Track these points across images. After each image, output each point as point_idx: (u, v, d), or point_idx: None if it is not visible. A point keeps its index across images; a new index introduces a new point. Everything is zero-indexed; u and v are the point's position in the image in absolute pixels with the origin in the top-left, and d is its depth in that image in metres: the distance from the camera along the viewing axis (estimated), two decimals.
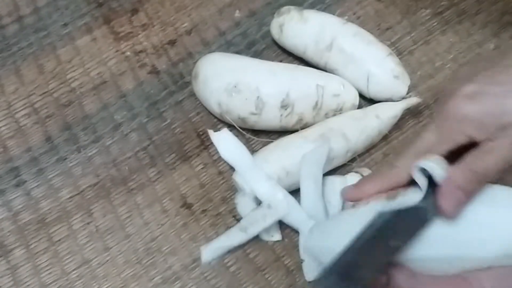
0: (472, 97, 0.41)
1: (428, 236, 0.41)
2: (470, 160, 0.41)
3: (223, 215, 0.56)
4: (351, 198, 0.46)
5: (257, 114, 0.56)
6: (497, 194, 0.41)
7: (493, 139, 0.40)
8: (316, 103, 0.56)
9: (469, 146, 0.42)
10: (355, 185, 0.47)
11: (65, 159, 0.59)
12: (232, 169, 0.56)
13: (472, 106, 0.41)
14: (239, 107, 0.56)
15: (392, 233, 0.41)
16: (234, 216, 0.56)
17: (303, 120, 0.56)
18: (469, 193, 0.41)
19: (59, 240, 0.55)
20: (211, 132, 0.56)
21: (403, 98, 0.58)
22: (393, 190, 0.44)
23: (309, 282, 0.53)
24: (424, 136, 0.43)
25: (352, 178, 0.56)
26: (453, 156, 0.42)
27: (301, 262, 0.53)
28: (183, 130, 0.60)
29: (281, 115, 0.56)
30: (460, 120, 0.41)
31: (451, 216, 0.40)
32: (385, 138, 0.58)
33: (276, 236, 0.55)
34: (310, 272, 0.53)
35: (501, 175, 0.42)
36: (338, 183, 0.55)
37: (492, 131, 0.40)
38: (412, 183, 0.43)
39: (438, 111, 0.43)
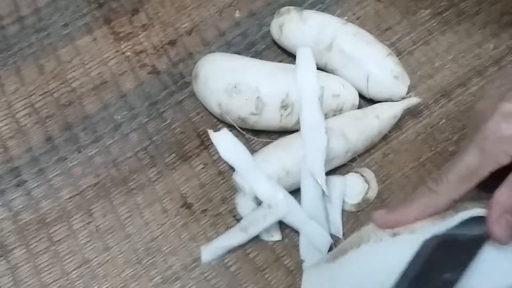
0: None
1: (482, 269, 0.40)
2: None
3: (223, 215, 0.56)
4: (386, 224, 0.42)
5: (257, 114, 0.56)
6: None
7: None
8: None
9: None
10: (391, 211, 0.43)
11: (66, 159, 0.59)
12: (232, 169, 0.56)
13: None
14: (239, 107, 0.56)
15: (445, 264, 0.39)
16: (234, 216, 0.56)
17: None
18: None
19: (59, 240, 0.55)
20: (211, 132, 0.56)
21: (403, 98, 0.58)
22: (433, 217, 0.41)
23: None
24: (465, 159, 0.41)
25: (352, 178, 0.56)
26: (495, 175, 0.41)
27: (301, 262, 0.53)
28: (183, 130, 0.60)
29: (281, 115, 0.56)
30: (503, 140, 0.40)
31: (504, 241, 0.39)
32: (385, 138, 0.58)
33: (276, 236, 0.55)
34: None
35: None
36: (338, 183, 0.55)
37: None
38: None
39: (475, 131, 0.41)
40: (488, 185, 0.41)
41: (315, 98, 0.55)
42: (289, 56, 0.62)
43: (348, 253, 0.43)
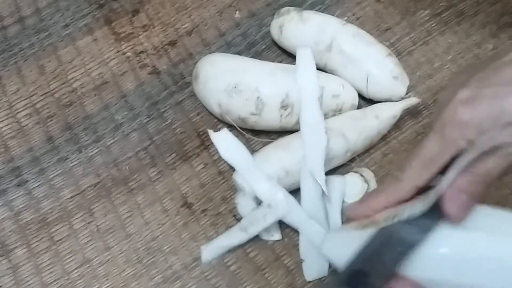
0: (468, 102, 0.41)
1: (433, 258, 0.41)
2: (472, 163, 0.41)
3: (223, 215, 0.56)
4: (357, 215, 0.45)
5: (257, 114, 0.56)
6: (499, 219, 0.42)
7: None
8: None
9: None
10: (361, 202, 0.46)
11: (66, 159, 0.59)
12: (232, 169, 0.56)
13: (469, 111, 0.41)
14: (239, 107, 0.56)
15: (399, 241, 0.41)
16: (234, 216, 0.56)
17: None
18: (473, 196, 0.41)
19: (60, 239, 0.55)
20: (211, 132, 0.57)
21: (402, 98, 0.58)
22: (398, 205, 0.43)
23: (309, 281, 0.53)
24: (426, 145, 0.43)
25: (351, 178, 0.56)
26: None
27: (301, 262, 0.54)
28: (184, 130, 0.60)
29: (281, 115, 0.56)
30: (459, 126, 0.41)
31: (457, 220, 0.41)
32: (384, 138, 0.58)
33: (276, 235, 0.55)
34: (310, 272, 0.53)
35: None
36: (337, 183, 0.55)
37: (491, 133, 0.40)
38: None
39: (437, 119, 0.43)
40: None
41: (315, 98, 0.55)
42: (289, 56, 0.62)
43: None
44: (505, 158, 0.40)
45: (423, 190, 0.43)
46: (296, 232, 0.55)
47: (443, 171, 0.42)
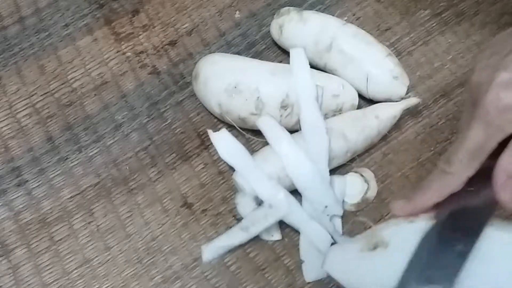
0: (509, 85, 0.39)
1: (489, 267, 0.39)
2: None
3: (223, 215, 0.56)
4: (406, 213, 0.43)
5: (257, 114, 0.56)
6: None
7: None
8: None
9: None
10: (408, 200, 0.43)
11: (66, 159, 0.59)
12: (232, 169, 0.56)
13: None
14: (239, 107, 0.56)
15: (456, 236, 0.39)
16: (234, 216, 0.56)
17: None
18: None
19: (60, 239, 0.55)
20: (210, 132, 0.57)
21: (402, 98, 0.58)
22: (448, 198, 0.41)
23: (308, 282, 0.53)
24: (471, 136, 0.41)
25: (351, 178, 0.56)
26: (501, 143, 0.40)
27: (301, 263, 0.54)
28: (184, 130, 0.60)
29: (281, 116, 0.56)
30: (504, 110, 0.39)
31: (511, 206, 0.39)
32: (384, 138, 0.58)
33: (276, 235, 0.55)
34: (310, 272, 0.53)
35: None
36: (338, 183, 0.55)
37: None
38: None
39: (477, 106, 0.41)
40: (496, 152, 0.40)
41: (313, 98, 0.55)
42: (289, 56, 0.62)
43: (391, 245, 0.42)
44: None
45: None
46: (296, 232, 0.55)
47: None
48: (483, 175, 0.41)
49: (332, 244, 0.51)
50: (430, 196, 0.42)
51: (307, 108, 0.55)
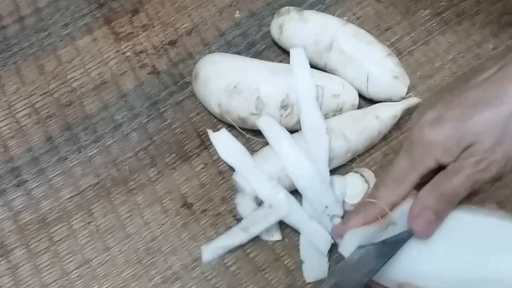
0: (434, 123, 0.43)
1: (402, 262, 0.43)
2: (437, 180, 0.43)
3: (223, 215, 0.56)
4: (340, 234, 0.47)
5: (257, 114, 0.56)
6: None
7: (458, 160, 0.42)
8: None
9: (439, 170, 0.43)
10: (343, 222, 0.48)
11: (66, 159, 0.59)
12: (232, 169, 0.56)
13: (435, 132, 0.42)
14: (239, 107, 0.56)
15: (373, 258, 0.43)
16: (234, 216, 0.56)
17: None
18: (439, 213, 0.42)
19: (60, 240, 0.55)
20: (210, 132, 0.56)
21: (403, 98, 0.58)
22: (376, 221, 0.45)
23: (309, 283, 0.53)
24: (396, 164, 0.45)
25: (352, 178, 0.56)
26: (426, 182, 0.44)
27: (301, 263, 0.53)
28: (183, 130, 0.60)
29: (281, 115, 0.56)
30: (427, 146, 0.43)
31: (423, 236, 0.43)
32: (385, 138, 0.58)
33: (276, 236, 0.55)
34: (310, 273, 0.53)
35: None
36: (338, 183, 0.55)
37: (456, 153, 0.42)
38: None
39: (407, 139, 0.45)
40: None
41: (313, 98, 0.55)
42: (289, 56, 0.62)
43: None
44: (468, 178, 0.42)
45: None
46: (296, 232, 0.54)
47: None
48: None
49: (332, 244, 0.52)
50: (358, 219, 0.46)
51: (307, 108, 0.55)
